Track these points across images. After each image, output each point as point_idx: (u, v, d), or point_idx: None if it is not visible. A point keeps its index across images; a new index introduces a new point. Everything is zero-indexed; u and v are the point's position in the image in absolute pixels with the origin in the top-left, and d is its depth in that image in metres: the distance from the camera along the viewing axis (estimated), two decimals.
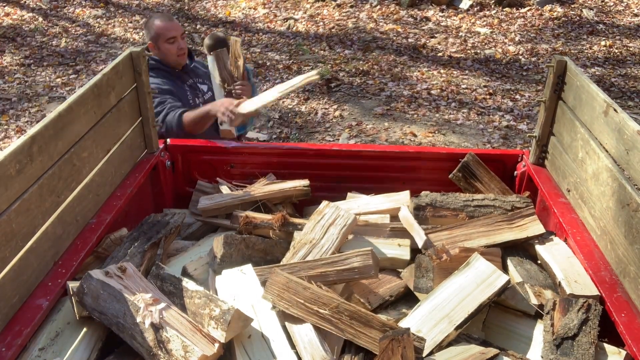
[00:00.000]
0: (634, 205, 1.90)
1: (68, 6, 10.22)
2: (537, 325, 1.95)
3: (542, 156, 2.76)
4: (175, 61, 3.23)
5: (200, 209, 2.66)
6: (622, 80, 7.31)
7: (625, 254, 1.95)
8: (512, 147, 5.69)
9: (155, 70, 3.19)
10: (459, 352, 1.80)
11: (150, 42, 3.20)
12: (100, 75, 2.42)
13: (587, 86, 2.34)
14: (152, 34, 3.18)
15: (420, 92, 7.04)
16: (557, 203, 2.46)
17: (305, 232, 2.29)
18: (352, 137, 5.93)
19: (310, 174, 2.82)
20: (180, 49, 3.21)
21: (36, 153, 1.93)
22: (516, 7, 9.60)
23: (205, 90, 3.37)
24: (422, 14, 9.59)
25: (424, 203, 2.44)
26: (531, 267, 2.22)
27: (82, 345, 1.81)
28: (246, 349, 1.73)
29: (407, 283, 2.18)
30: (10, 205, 1.79)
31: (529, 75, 7.52)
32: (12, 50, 8.50)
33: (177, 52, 3.20)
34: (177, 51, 3.20)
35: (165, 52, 3.19)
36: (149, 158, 2.85)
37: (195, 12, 10.07)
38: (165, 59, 3.21)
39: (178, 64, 3.26)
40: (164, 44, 3.18)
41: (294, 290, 1.80)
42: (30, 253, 1.88)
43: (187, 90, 3.26)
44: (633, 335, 1.74)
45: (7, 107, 6.78)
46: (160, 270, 1.97)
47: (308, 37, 8.90)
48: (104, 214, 2.37)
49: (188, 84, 3.29)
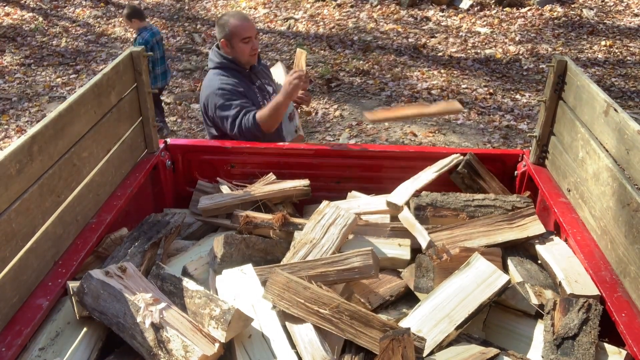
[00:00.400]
0: (634, 205, 1.90)
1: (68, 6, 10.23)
2: (538, 325, 1.95)
3: (542, 156, 2.76)
4: (247, 61, 3.21)
5: (200, 209, 2.66)
6: (622, 80, 7.31)
7: (625, 253, 1.95)
8: (513, 146, 5.69)
9: (226, 69, 3.16)
10: (459, 352, 1.80)
11: (224, 40, 3.15)
12: (101, 75, 2.42)
13: (587, 86, 2.34)
14: (226, 32, 3.14)
15: (420, 91, 7.04)
16: (557, 203, 2.46)
17: (306, 232, 2.29)
18: (352, 137, 5.93)
19: (310, 174, 2.82)
20: (253, 49, 3.19)
21: (36, 153, 1.93)
22: (516, 7, 9.61)
23: (271, 92, 3.36)
24: (423, 13, 9.59)
25: (425, 203, 2.43)
26: (531, 267, 2.21)
27: (82, 345, 1.81)
28: (246, 348, 1.73)
29: (408, 283, 2.18)
30: (10, 205, 1.79)
31: (529, 75, 7.52)
32: (12, 50, 8.50)
33: (250, 52, 3.18)
34: (251, 51, 3.18)
35: (238, 52, 3.16)
36: (149, 158, 2.85)
37: (196, 12, 10.07)
38: (238, 58, 3.18)
39: (248, 64, 3.23)
40: (239, 43, 3.14)
41: (294, 290, 1.80)
42: (30, 253, 1.88)
43: (256, 92, 3.24)
44: (633, 335, 1.74)
45: (7, 107, 6.78)
46: (161, 270, 1.97)
47: (308, 37, 8.90)
48: (104, 214, 2.37)
49: (257, 85, 3.28)
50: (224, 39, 3.15)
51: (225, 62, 3.17)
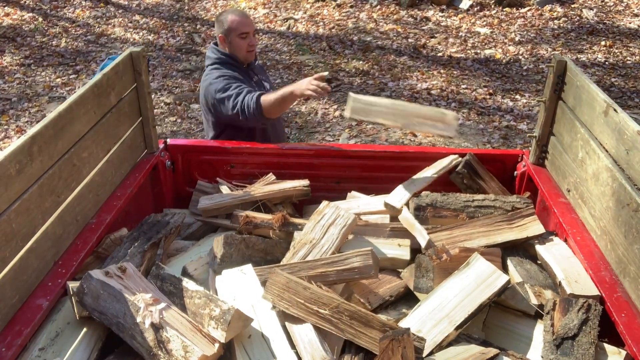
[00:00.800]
0: (634, 205, 1.90)
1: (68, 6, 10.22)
2: (537, 325, 1.95)
3: (542, 156, 2.76)
4: (245, 57, 3.22)
5: (200, 209, 2.66)
6: (622, 80, 7.31)
7: (625, 254, 1.95)
8: (512, 147, 5.69)
9: (224, 64, 3.18)
10: (459, 352, 1.80)
11: (221, 35, 3.18)
12: (101, 75, 2.42)
13: (587, 86, 2.34)
14: (224, 27, 3.16)
15: (420, 92, 7.04)
16: (557, 203, 2.46)
17: (305, 232, 2.29)
18: (352, 137, 5.93)
19: (310, 174, 2.82)
20: (250, 45, 3.20)
21: (36, 153, 1.93)
22: (516, 7, 9.60)
23: (268, 87, 3.37)
24: (422, 14, 9.59)
25: (425, 203, 2.43)
26: (531, 267, 2.21)
27: (82, 345, 1.81)
28: (246, 349, 1.73)
29: (407, 283, 2.18)
30: (10, 205, 1.80)
31: (529, 75, 7.52)
32: (12, 50, 8.50)
33: (248, 48, 3.19)
34: (248, 47, 3.19)
35: (236, 47, 3.18)
36: (149, 158, 2.85)
37: (195, 12, 10.07)
38: (235, 54, 3.20)
39: (246, 60, 3.25)
40: (236, 38, 3.16)
41: (294, 290, 1.80)
42: (30, 253, 1.88)
43: (254, 87, 3.26)
44: (633, 335, 1.74)
45: (7, 107, 6.78)
46: (160, 270, 1.97)
47: (308, 37, 8.90)
48: (104, 214, 2.37)
49: (254, 81, 3.30)
50: (221, 34, 3.17)
51: (223, 58, 3.18)
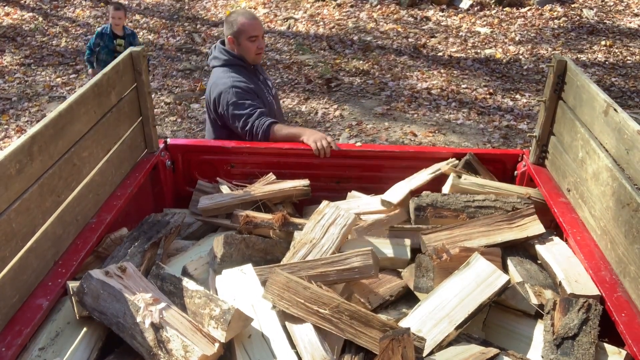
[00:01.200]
0: (634, 205, 1.90)
1: (68, 6, 10.23)
2: (538, 325, 1.95)
3: (542, 156, 2.76)
4: (253, 59, 3.25)
5: (200, 209, 2.66)
6: (622, 80, 7.32)
7: (625, 253, 1.95)
8: (512, 146, 5.69)
9: (234, 66, 3.19)
10: (459, 352, 1.80)
11: (231, 37, 3.19)
12: (101, 75, 2.42)
13: (587, 86, 2.34)
14: (234, 29, 3.18)
15: (420, 91, 7.04)
16: (557, 203, 2.46)
17: (306, 232, 2.29)
18: (352, 137, 5.93)
19: (310, 174, 2.82)
20: (259, 48, 3.23)
21: (36, 153, 1.93)
22: (516, 7, 9.61)
23: (270, 85, 3.42)
24: (422, 13, 9.59)
25: (425, 203, 2.43)
26: (531, 267, 2.21)
27: (82, 345, 1.81)
28: (246, 348, 1.73)
29: (407, 283, 2.18)
30: (10, 205, 1.79)
31: (529, 75, 7.52)
32: (12, 50, 8.50)
33: (257, 50, 3.22)
34: (257, 50, 3.22)
35: (245, 49, 3.20)
36: (149, 158, 2.85)
37: (195, 12, 10.08)
38: (244, 56, 3.22)
39: (254, 62, 3.28)
40: (246, 41, 3.18)
41: (294, 290, 1.80)
42: (30, 253, 1.88)
43: (262, 86, 3.29)
44: (633, 335, 1.74)
45: (7, 107, 6.78)
46: (160, 270, 1.97)
47: (308, 36, 8.90)
48: (104, 214, 2.37)
49: (260, 80, 3.33)
50: (231, 36, 3.19)
51: (232, 59, 3.20)
